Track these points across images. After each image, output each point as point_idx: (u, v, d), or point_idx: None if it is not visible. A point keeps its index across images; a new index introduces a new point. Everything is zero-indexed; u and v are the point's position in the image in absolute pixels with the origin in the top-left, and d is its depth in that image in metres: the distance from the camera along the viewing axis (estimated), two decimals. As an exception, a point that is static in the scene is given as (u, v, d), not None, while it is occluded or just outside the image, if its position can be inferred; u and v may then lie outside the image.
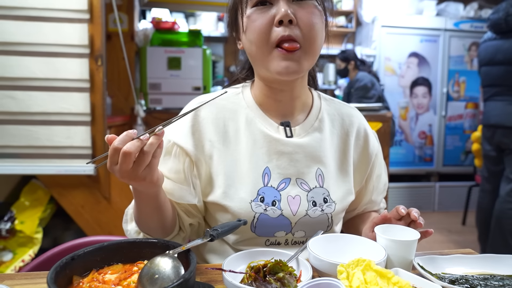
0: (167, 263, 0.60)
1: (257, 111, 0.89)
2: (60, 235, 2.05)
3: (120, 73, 3.09)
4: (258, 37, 0.78)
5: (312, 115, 0.92)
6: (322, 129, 0.91)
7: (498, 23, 2.56)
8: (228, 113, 0.89)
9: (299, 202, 0.85)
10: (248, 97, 0.91)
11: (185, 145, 0.84)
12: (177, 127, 0.86)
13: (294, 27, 0.77)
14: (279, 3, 0.77)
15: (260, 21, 0.78)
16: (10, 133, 1.74)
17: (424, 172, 4.50)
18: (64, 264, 0.58)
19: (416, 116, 4.45)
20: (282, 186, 0.85)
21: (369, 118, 2.71)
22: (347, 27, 4.72)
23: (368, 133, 0.97)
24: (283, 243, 0.87)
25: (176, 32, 3.35)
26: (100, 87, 1.79)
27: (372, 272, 0.62)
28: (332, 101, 0.99)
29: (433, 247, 3.28)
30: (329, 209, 0.87)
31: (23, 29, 1.70)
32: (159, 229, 0.84)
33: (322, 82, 4.60)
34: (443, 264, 0.78)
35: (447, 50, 4.41)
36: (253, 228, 0.84)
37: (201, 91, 3.22)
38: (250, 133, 0.87)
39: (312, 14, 0.79)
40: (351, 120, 0.95)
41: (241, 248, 0.85)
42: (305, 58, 0.80)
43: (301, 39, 0.78)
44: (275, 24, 0.77)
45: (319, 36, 0.80)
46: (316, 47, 0.81)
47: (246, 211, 0.82)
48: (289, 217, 0.84)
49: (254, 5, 0.80)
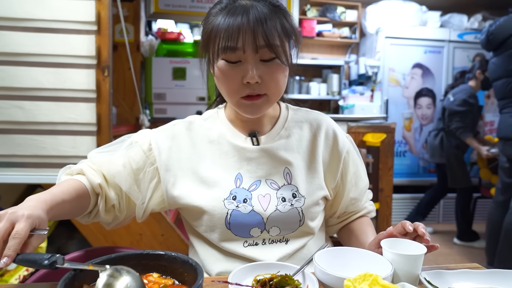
0: (124, 282, 0.60)
1: (228, 126, 0.99)
2: (64, 244, 2.05)
3: (126, 83, 3.12)
4: (228, 90, 0.88)
5: (278, 125, 1.00)
6: (288, 135, 0.99)
7: (484, 43, 2.81)
8: (204, 130, 1.00)
9: (269, 199, 0.93)
10: (222, 116, 1.02)
11: (160, 151, 0.95)
12: (158, 133, 0.99)
13: (260, 84, 0.86)
14: (247, 64, 0.84)
15: (229, 78, 0.86)
16: (16, 142, 1.75)
17: (429, 184, 4.48)
18: (73, 276, 0.58)
19: (421, 127, 4.44)
20: (253, 187, 0.93)
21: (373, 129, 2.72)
22: (351, 38, 4.74)
23: (336, 133, 1.03)
24: (260, 243, 0.92)
25: (181, 42, 3.39)
26: (106, 97, 1.81)
27: (379, 287, 0.62)
28: (300, 110, 1.07)
29: (438, 259, 3.25)
30: (298, 203, 0.93)
31: (32, 40, 1.72)
32: None
33: (326, 93, 4.61)
34: (450, 279, 0.77)
35: (451, 61, 4.42)
36: (228, 225, 0.91)
37: (206, 101, 3.24)
38: (222, 145, 0.97)
39: (276, 73, 0.86)
40: (318, 123, 1.03)
41: (225, 247, 0.92)
42: (268, 103, 0.90)
43: (266, 91, 0.87)
44: (243, 82, 0.85)
45: (282, 86, 0.90)
46: (279, 94, 0.91)
47: (219, 208, 0.90)
48: (260, 212, 0.91)
49: (224, 58, 0.85)
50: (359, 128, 2.52)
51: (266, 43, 0.82)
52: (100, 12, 1.77)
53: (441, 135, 3.70)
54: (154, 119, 3.21)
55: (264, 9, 0.83)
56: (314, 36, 4.52)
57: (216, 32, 0.84)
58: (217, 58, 0.86)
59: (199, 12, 3.08)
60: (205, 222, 0.92)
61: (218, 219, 0.90)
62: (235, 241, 0.92)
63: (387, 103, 4.31)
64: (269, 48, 0.83)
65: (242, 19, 0.81)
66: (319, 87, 4.58)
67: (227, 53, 0.83)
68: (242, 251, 0.91)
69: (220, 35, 0.83)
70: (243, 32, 0.81)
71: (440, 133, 3.72)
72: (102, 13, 1.78)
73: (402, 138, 4.39)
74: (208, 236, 0.93)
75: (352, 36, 4.75)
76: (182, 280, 0.65)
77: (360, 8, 4.66)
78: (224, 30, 0.82)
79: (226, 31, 0.82)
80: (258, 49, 0.82)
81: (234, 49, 0.82)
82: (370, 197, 1.12)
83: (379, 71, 4.36)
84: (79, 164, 0.94)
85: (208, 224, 0.92)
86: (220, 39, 0.83)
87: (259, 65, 0.85)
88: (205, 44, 0.90)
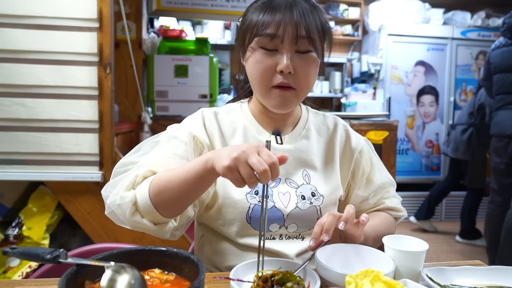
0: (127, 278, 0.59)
1: (253, 121, 1.01)
2: (67, 241, 2.06)
3: (128, 81, 3.12)
4: (261, 77, 0.89)
5: (300, 125, 1.03)
6: (309, 136, 1.02)
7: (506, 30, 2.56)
8: (228, 122, 1.00)
9: (289, 197, 0.94)
10: (246, 110, 1.03)
11: (203, 139, 0.94)
12: (191, 124, 0.96)
13: (292, 75, 0.88)
14: (283, 54, 0.87)
15: (264, 64, 0.88)
16: (19, 139, 1.76)
17: (431, 181, 4.47)
18: (75, 271, 0.58)
19: (423, 124, 4.43)
20: (273, 184, 0.95)
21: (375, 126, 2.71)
22: (354, 36, 4.73)
23: (350, 134, 1.06)
24: (277, 238, 0.94)
25: (183, 40, 3.38)
26: (108, 94, 1.81)
27: (380, 283, 0.62)
28: (318, 113, 1.10)
29: (440, 257, 3.25)
30: (317, 202, 0.95)
31: (34, 37, 1.73)
32: (175, 208, 0.83)
33: (328, 91, 4.60)
34: (452, 276, 0.77)
35: (454, 59, 4.41)
36: (249, 219, 0.91)
37: (208, 98, 3.24)
38: (246, 139, 0.98)
39: (309, 66, 0.89)
40: (334, 126, 1.07)
41: (240, 242, 0.92)
42: (297, 98, 0.92)
43: (296, 85, 0.89)
44: (276, 71, 0.88)
45: (312, 82, 0.93)
46: (308, 90, 0.94)
47: (242, 201, 0.91)
48: (281, 209, 0.92)
49: (261, 46, 0.88)
50: (361, 125, 2.50)
51: (307, 35, 0.86)
52: (102, 9, 1.77)
53: (470, 131, 3.54)
54: (156, 117, 3.21)
55: (306, 5, 0.88)
56: (316, 33, 4.50)
57: (257, 21, 0.87)
58: (255, 45, 0.88)
59: (201, 10, 3.07)
60: (224, 216, 0.92)
61: (239, 212, 0.91)
62: (252, 236, 0.92)
63: (389, 100, 4.30)
64: (308, 39, 0.86)
65: (285, 10, 0.85)
66: (321, 84, 4.57)
67: (266, 39, 0.86)
68: (270, 258, 0.89)
69: (261, 23, 0.86)
70: (285, 21, 0.85)
71: (469, 128, 3.55)
72: (104, 10, 1.78)
73: (404, 136, 4.38)
74: (225, 230, 0.93)
75: (355, 34, 4.74)
76: (183, 276, 0.65)
77: (362, 6, 4.64)
78: (267, 18, 0.86)
79: (268, 20, 0.86)
80: (298, 39, 0.85)
81: (274, 36, 0.85)
82: (391, 195, 1.09)
83: (381, 68, 4.35)
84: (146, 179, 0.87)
85: (227, 217, 0.92)
86: (260, 27, 0.86)
87: (294, 56, 0.88)
88: (243, 35, 0.92)
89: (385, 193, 1.09)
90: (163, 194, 0.79)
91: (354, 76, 4.89)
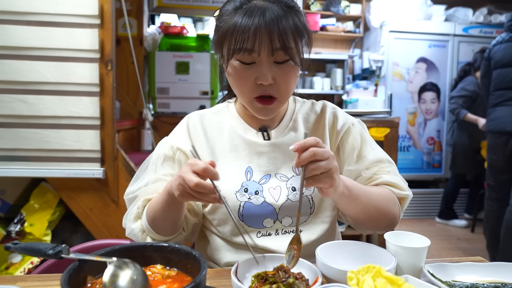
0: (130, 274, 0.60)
1: (239, 120, 1.02)
2: (69, 237, 2.06)
3: (129, 78, 3.12)
4: (241, 89, 0.90)
5: (286, 117, 1.03)
6: (296, 128, 1.01)
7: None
8: (214, 123, 1.02)
9: (280, 190, 0.94)
10: (232, 110, 1.04)
11: (185, 149, 0.97)
12: (175, 135, 1.01)
13: (273, 85, 0.88)
14: (262, 66, 0.86)
15: (243, 77, 0.88)
16: (21, 136, 1.76)
17: (432, 178, 4.47)
18: (77, 267, 0.59)
19: (425, 121, 4.42)
20: (263, 181, 0.95)
21: (377, 123, 2.71)
22: (355, 32, 4.71)
23: (337, 114, 1.03)
24: (273, 233, 0.93)
25: (185, 37, 3.38)
26: (110, 91, 1.81)
27: (382, 279, 0.62)
28: (305, 102, 1.09)
29: (441, 254, 3.25)
30: (308, 191, 0.95)
31: (35, 34, 1.73)
32: (170, 228, 0.92)
33: (329, 87, 4.59)
34: (454, 272, 0.77)
35: (456, 56, 4.39)
36: (241, 217, 0.92)
37: (209, 95, 3.24)
38: (233, 139, 0.99)
39: (288, 75, 0.88)
40: (322, 111, 1.05)
41: (235, 241, 0.93)
42: (280, 104, 0.92)
43: (278, 94, 0.89)
44: (257, 83, 0.87)
45: (293, 87, 0.93)
46: (289, 95, 0.93)
47: (231, 201, 0.92)
48: (272, 203, 0.92)
49: (239, 59, 0.86)
50: (362, 122, 2.51)
51: (282, 46, 0.84)
52: (103, 5, 1.77)
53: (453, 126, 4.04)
54: (157, 114, 3.21)
55: (279, 11, 0.84)
56: (318, 30, 4.49)
57: (232, 33, 0.84)
58: (231, 58, 0.87)
59: (202, 6, 3.07)
60: (218, 216, 0.94)
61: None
62: (249, 232, 0.93)
63: (391, 97, 4.29)
64: (284, 50, 0.85)
65: (258, 22, 0.82)
66: (323, 81, 4.56)
67: (243, 54, 0.85)
68: (255, 241, 0.91)
69: (236, 36, 0.83)
70: (259, 35, 0.82)
71: (453, 124, 4.04)
72: (105, 7, 1.77)
73: (406, 132, 4.38)
74: (220, 229, 0.95)
75: (356, 30, 4.73)
76: (185, 272, 0.65)
77: (364, 2, 4.63)
78: (241, 32, 0.82)
79: (242, 33, 0.82)
80: (274, 51, 0.84)
81: (250, 51, 0.84)
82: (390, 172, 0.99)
83: (383, 65, 4.34)
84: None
85: (221, 217, 0.93)
86: (236, 41, 0.84)
87: (273, 67, 0.87)
88: (219, 42, 0.90)
89: (382, 168, 0.99)
90: (156, 220, 0.90)
91: (355, 73, 4.88)
